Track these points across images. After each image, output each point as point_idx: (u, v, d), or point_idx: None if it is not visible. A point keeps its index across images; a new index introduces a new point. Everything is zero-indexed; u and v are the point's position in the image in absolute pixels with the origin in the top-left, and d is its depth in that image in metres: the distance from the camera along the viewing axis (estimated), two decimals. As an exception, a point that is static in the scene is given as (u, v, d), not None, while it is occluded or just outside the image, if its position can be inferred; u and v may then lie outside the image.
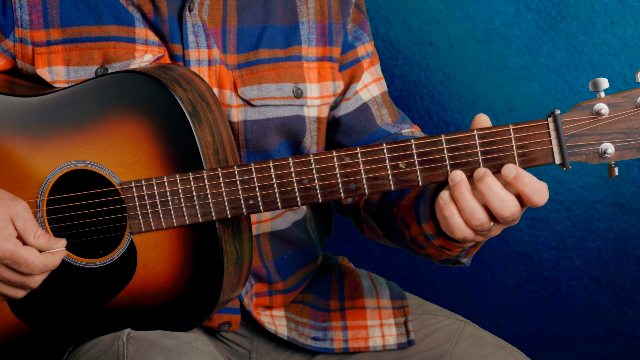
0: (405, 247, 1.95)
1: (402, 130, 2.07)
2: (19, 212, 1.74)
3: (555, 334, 3.07)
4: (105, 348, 1.81)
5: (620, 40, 2.91)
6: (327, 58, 2.01)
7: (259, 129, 1.94)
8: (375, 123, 2.06)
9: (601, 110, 1.64)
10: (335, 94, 2.03)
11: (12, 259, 1.72)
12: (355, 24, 2.06)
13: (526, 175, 1.65)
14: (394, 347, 2.03)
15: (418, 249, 1.90)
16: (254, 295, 2.00)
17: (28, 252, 1.74)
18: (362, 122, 2.05)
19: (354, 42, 2.06)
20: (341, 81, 2.04)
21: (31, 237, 1.75)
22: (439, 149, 1.68)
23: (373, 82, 2.08)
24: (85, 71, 1.89)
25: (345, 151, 1.70)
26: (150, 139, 1.76)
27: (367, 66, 2.08)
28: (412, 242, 1.90)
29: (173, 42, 1.91)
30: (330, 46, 2.01)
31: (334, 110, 2.05)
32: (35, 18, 1.89)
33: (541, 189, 1.65)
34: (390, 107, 2.09)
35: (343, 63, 2.05)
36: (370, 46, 2.09)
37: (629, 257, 2.99)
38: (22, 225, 1.74)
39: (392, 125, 2.07)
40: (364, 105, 2.06)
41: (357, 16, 2.06)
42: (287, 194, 1.73)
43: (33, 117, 1.82)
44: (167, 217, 1.77)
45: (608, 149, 1.65)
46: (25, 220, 1.75)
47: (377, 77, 2.10)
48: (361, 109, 2.05)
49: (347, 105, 2.05)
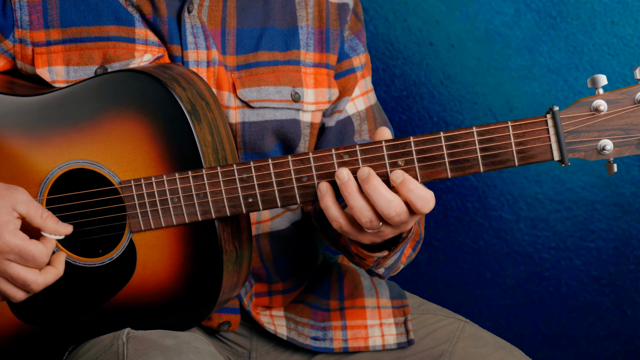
0: (345, 256, 1.97)
1: None
2: (18, 198, 1.71)
3: (555, 334, 3.07)
4: (105, 348, 1.81)
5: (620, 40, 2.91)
6: (324, 65, 2.02)
7: (256, 131, 1.94)
8: (352, 139, 2.06)
9: (600, 107, 1.64)
10: (330, 101, 2.03)
11: (20, 254, 1.70)
12: (352, 32, 2.06)
13: (412, 182, 1.67)
14: (394, 347, 2.03)
15: (350, 257, 1.92)
16: (253, 295, 2.01)
17: (35, 247, 1.72)
18: (342, 135, 2.05)
19: (350, 53, 2.06)
20: (336, 89, 2.04)
21: (38, 219, 1.73)
22: (437, 146, 1.68)
23: (360, 95, 2.08)
24: (85, 71, 1.89)
25: (344, 149, 1.70)
26: (150, 138, 1.76)
27: (359, 78, 2.08)
28: (344, 250, 1.92)
29: (172, 43, 1.91)
30: (327, 53, 2.02)
31: (325, 119, 2.05)
32: (35, 18, 1.89)
33: (426, 197, 1.67)
34: (372, 122, 2.09)
35: (338, 72, 2.05)
36: (364, 57, 2.09)
37: (629, 257, 2.99)
38: (25, 209, 1.71)
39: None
40: (347, 119, 2.06)
41: (354, 24, 2.06)
42: (286, 192, 1.73)
43: (33, 116, 1.82)
44: (167, 215, 1.77)
45: (607, 146, 1.65)
46: (26, 203, 1.72)
47: (365, 90, 2.10)
48: (344, 122, 2.06)
49: (338, 117, 2.05)
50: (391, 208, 1.66)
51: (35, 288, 1.73)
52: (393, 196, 1.66)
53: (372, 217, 1.67)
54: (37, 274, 1.73)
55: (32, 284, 1.73)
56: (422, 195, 1.66)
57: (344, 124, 2.05)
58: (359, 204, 1.67)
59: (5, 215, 1.70)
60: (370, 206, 1.67)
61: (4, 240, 1.68)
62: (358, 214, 1.67)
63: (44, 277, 1.74)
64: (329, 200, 1.70)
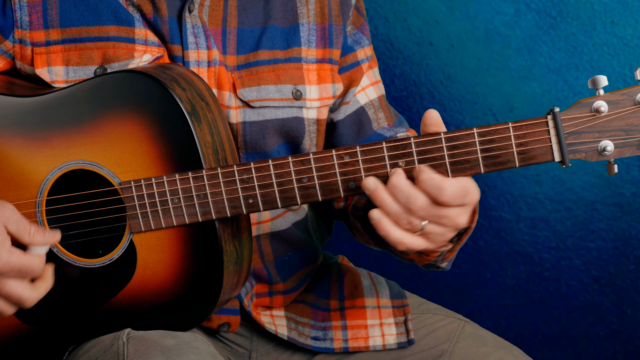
0: (391, 252, 1.95)
1: (397, 134, 2.07)
2: (8, 216, 1.72)
3: (555, 334, 3.07)
4: (105, 348, 1.81)
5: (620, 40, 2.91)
6: (327, 60, 2.01)
7: (257, 131, 1.94)
8: (371, 127, 2.06)
9: (600, 108, 1.64)
10: (335, 96, 2.03)
11: (20, 270, 1.71)
12: (355, 27, 2.06)
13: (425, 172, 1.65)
14: (394, 347, 2.03)
15: (402, 254, 1.91)
16: (254, 295, 2.00)
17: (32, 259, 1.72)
18: (357, 126, 2.05)
19: (354, 46, 2.06)
20: (340, 83, 2.04)
21: (26, 236, 1.73)
22: (438, 147, 1.68)
23: (371, 85, 2.08)
24: (84, 71, 1.89)
25: (345, 150, 1.70)
26: (150, 139, 1.76)
27: (365, 69, 2.08)
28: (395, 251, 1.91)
29: (173, 43, 1.91)
30: (330, 48, 2.01)
31: (333, 114, 2.05)
32: (35, 19, 1.89)
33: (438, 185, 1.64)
34: (387, 111, 2.09)
35: (342, 66, 2.05)
36: (370, 50, 2.09)
37: (629, 257, 2.99)
38: (15, 228, 1.72)
39: (387, 129, 2.07)
40: (360, 109, 2.06)
41: (356, 19, 2.06)
42: (286, 192, 1.73)
43: (32, 117, 1.82)
44: (167, 216, 1.77)
45: (607, 147, 1.65)
46: (16, 222, 1.72)
47: (375, 81, 2.10)
48: (358, 113, 2.06)
49: (346, 109, 2.05)
50: (410, 203, 1.65)
51: (29, 305, 1.75)
52: (412, 190, 1.65)
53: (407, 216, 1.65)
54: (31, 290, 1.73)
55: (26, 301, 1.74)
56: (436, 184, 1.64)
57: (357, 115, 2.05)
58: (394, 209, 1.66)
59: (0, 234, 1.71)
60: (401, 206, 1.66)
61: (3, 260, 1.69)
62: (395, 219, 1.66)
63: (37, 293, 1.75)
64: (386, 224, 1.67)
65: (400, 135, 2.07)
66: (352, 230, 2.07)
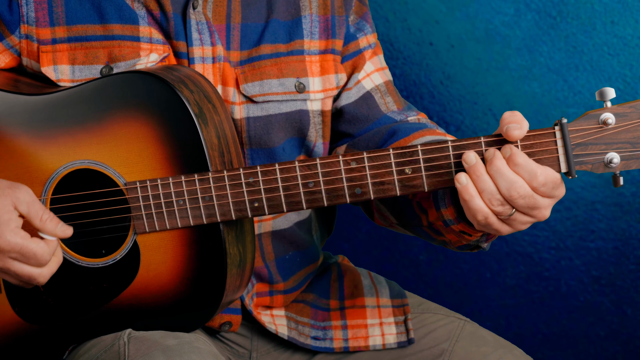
0: (421, 234, 1.94)
1: (407, 117, 2.06)
2: (20, 197, 1.71)
3: (555, 334, 3.08)
4: (106, 348, 1.81)
5: (620, 40, 2.92)
6: (330, 51, 2.01)
7: (262, 126, 1.94)
8: (379, 110, 2.05)
9: (608, 120, 1.64)
10: (339, 87, 2.02)
11: (21, 253, 1.70)
12: (357, 16, 2.06)
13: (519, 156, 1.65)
14: (394, 346, 2.03)
15: (435, 234, 1.89)
16: (254, 295, 2.00)
17: (37, 245, 1.71)
18: (365, 110, 2.04)
19: (356, 34, 2.05)
20: (344, 73, 2.03)
21: (37, 221, 1.72)
22: (445, 155, 1.68)
23: (376, 71, 2.07)
24: (90, 70, 1.89)
25: (352, 156, 1.70)
26: (156, 140, 1.76)
27: (369, 56, 2.07)
28: (429, 228, 1.89)
29: (178, 40, 1.91)
30: (333, 39, 2.01)
31: (336, 101, 2.05)
32: (41, 15, 1.89)
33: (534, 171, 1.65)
34: (395, 96, 2.08)
35: (345, 54, 2.04)
36: (373, 37, 2.09)
37: (629, 257, 3.00)
38: (26, 209, 1.71)
39: (397, 113, 2.06)
40: (366, 94, 2.05)
41: (359, 8, 2.06)
42: (292, 197, 1.73)
43: (38, 115, 1.82)
44: (171, 218, 1.77)
45: (614, 159, 1.66)
46: (28, 203, 1.71)
47: (380, 67, 2.09)
48: (364, 98, 2.05)
49: (348, 95, 2.04)
50: (513, 189, 1.64)
51: (42, 280, 1.74)
52: (516, 177, 1.65)
53: (503, 200, 1.65)
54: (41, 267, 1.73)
55: (38, 277, 1.73)
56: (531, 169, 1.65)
57: (364, 99, 2.04)
58: (489, 187, 1.66)
59: (6, 213, 1.69)
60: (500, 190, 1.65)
61: (5, 238, 1.68)
62: (489, 196, 1.65)
63: (49, 268, 1.74)
64: (471, 190, 1.66)
65: (411, 119, 2.06)
66: (374, 213, 2.05)
